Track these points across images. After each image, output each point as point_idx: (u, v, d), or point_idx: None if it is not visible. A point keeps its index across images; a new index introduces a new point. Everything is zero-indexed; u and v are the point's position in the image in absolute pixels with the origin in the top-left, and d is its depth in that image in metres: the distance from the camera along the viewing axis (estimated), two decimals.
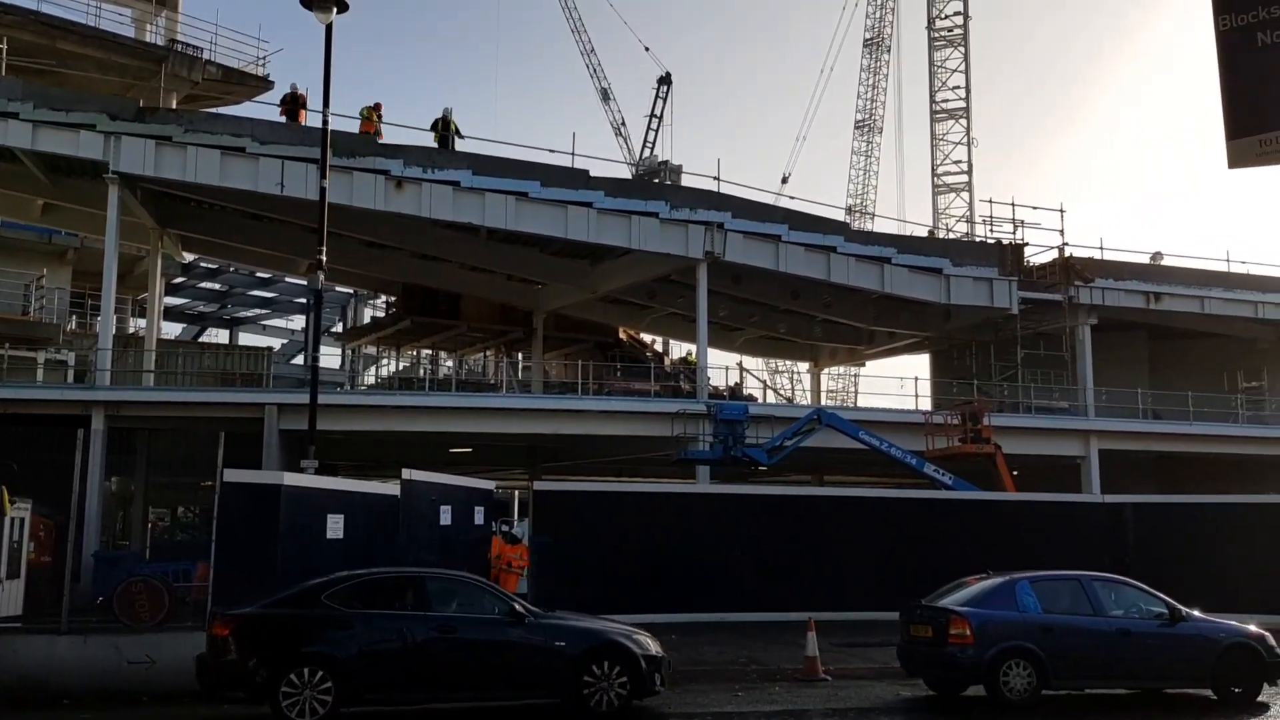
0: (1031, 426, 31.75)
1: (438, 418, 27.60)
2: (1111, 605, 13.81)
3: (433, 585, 12.54)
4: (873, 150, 60.15)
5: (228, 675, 11.47)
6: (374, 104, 28.59)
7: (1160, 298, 35.21)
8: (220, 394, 27.29)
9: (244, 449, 22.15)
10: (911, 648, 13.95)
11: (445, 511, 17.15)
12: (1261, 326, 37.62)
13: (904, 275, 32.32)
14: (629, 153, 60.62)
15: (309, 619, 11.66)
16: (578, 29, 61.60)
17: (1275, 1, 8.18)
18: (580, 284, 34.57)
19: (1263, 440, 34.09)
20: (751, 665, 15.83)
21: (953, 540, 21.15)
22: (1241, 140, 8.43)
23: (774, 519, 21.49)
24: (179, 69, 32.88)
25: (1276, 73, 8.18)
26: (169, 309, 44.21)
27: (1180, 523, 22.32)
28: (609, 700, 11.90)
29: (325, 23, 18.59)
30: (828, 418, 27.87)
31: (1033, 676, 12.93)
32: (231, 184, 26.68)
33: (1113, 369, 35.87)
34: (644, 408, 29.12)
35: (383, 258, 34.58)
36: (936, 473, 26.67)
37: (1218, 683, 13.63)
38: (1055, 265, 34.38)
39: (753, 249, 30.34)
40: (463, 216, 28.14)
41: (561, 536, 19.76)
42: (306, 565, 13.25)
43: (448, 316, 38.47)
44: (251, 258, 37.47)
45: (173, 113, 28.68)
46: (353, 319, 48.32)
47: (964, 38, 56.15)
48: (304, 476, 16.23)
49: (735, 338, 41.79)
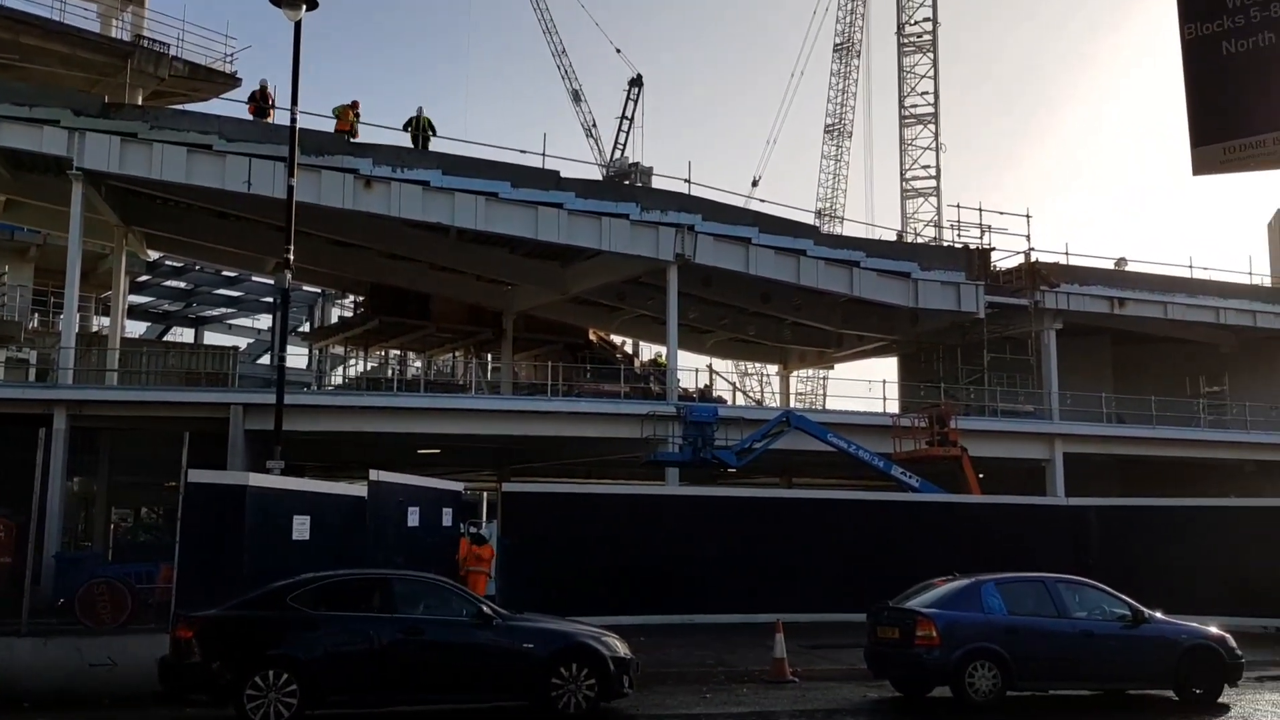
0: (997, 430, 32.04)
1: (406, 418, 27.46)
2: (1075, 607, 13.94)
3: (400, 587, 12.46)
4: (842, 154, 60.54)
5: (191, 678, 11.34)
6: (351, 102, 28.43)
7: (1124, 303, 35.64)
8: (185, 394, 27.01)
9: (209, 449, 21.99)
10: (879, 649, 14.02)
11: (413, 513, 17.04)
12: (1223, 332, 38.17)
13: (872, 279, 32.51)
14: (600, 154, 60.66)
15: (274, 621, 11.55)
16: (549, 30, 61.58)
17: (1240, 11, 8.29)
18: (550, 285, 34.51)
19: (1224, 444, 34.59)
20: (719, 667, 15.84)
21: (919, 542, 21.26)
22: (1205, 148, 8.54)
23: (743, 521, 21.52)
24: (145, 65, 32.51)
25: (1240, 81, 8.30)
26: (133, 307, 43.75)
27: (1143, 525, 22.56)
28: (577, 702, 11.87)
29: (294, 20, 18.40)
30: (796, 420, 27.98)
31: (998, 678, 13.02)
32: (198, 182, 26.43)
33: (1077, 373, 36.26)
34: (614, 409, 29.11)
35: (351, 257, 34.36)
36: (904, 475, 26.83)
37: (1179, 684, 13.78)
38: (1021, 270, 34.72)
39: (723, 251, 30.42)
40: (432, 216, 28.01)
41: (530, 538, 19.69)
42: (272, 567, 13.11)
43: (416, 317, 38.28)
44: (218, 256, 37.15)
45: (138, 109, 28.36)
46: (320, 318, 48.00)
47: (933, 44, 56.63)
48: (270, 477, 16.07)
49: (705, 340, 41.87)
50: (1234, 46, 8.29)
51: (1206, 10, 8.47)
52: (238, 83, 34.99)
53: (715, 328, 39.94)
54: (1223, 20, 8.32)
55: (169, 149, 25.93)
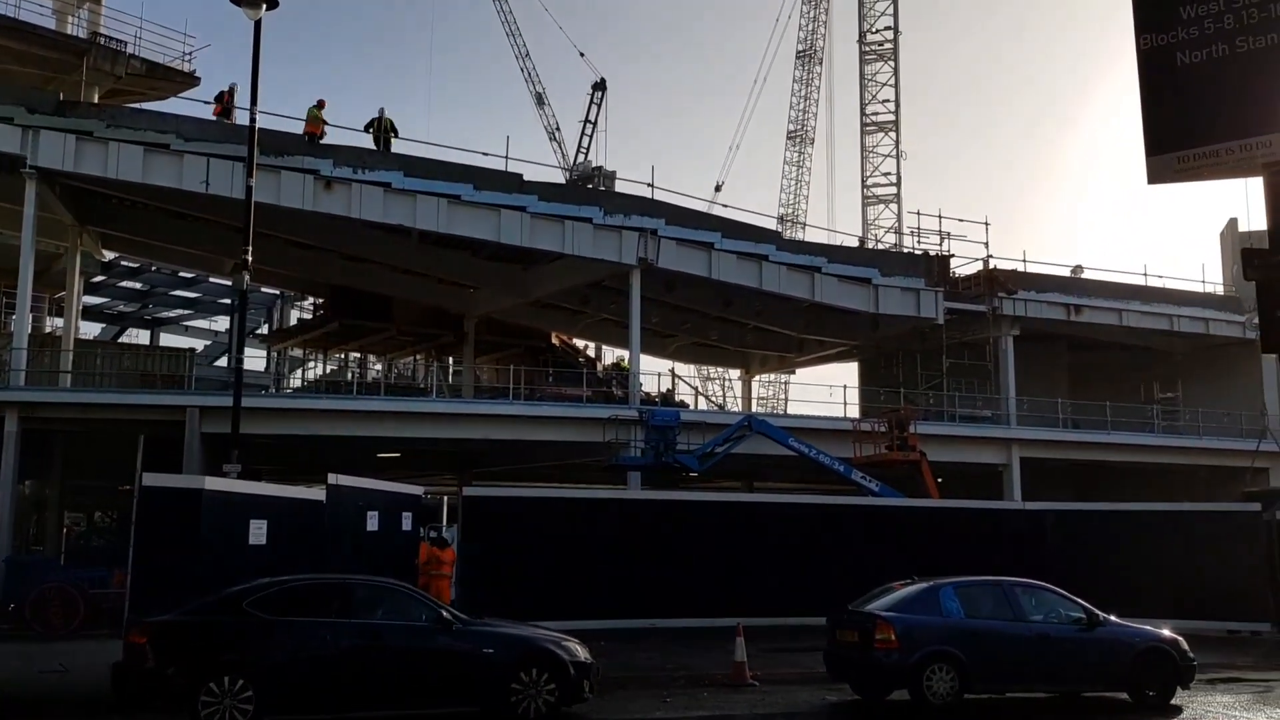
0: (956, 435, 32.36)
1: (365, 422, 27.26)
2: (1032, 610, 14.08)
3: (358, 592, 12.36)
4: (804, 161, 60.86)
5: (145, 684, 11.16)
6: (317, 102, 28.22)
7: (1080, 310, 36.11)
8: (140, 396, 26.62)
9: (164, 453, 21.69)
10: (838, 652, 14.08)
11: (372, 517, 16.91)
12: (1176, 339, 38.78)
13: (834, 284, 32.72)
14: (563, 158, 60.58)
15: (230, 626, 11.40)
16: (513, 33, 61.42)
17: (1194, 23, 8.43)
18: (513, 288, 34.40)
19: (1178, 449, 35.12)
20: (680, 671, 15.85)
21: (879, 546, 21.42)
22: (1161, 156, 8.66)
23: (704, 525, 21.57)
24: (102, 63, 32.03)
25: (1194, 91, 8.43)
26: (88, 308, 43.00)
27: (1098, 529, 22.87)
28: (537, 708, 11.82)
29: (254, 19, 18.28)
30: (758, 424, 28.08)
31: (955, 680, 13.12)
32: (155, 181, 26.08)
33: (1034, 379, 36.69)
34: (576, 413, 29.06)
35: (311, 259, 34.06)
36: (864, 479, 27.01)
37: (1133, 686, 13.96)
38: (980, 277, 35.11)
39: (686, 256, 30.48)
40: (393, 218, 27.82)
41: (491, 542, 19.62)
42: (228, 572, 12.95)
43: (377, 319, 37.99)
44: (175, 257, 36.67)
45: (94, 107, 27.95)
46: (279, 320, 47.47)
47: (894, 52, 57.08)
48: (226, 481, 15.90)
49: (668, 344, 41.92)
50: (1188, 57, 8.42)
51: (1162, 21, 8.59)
52: (196, 82, 34.58)
53: (678, 332, 40.01)
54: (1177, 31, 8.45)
55: (125, 148, 25.57)
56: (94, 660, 12.46)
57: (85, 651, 13.30)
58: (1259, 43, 8.17)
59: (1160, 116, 8.67)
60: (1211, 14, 8.20)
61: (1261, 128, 8.19)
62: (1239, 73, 8.17)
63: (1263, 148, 8.16)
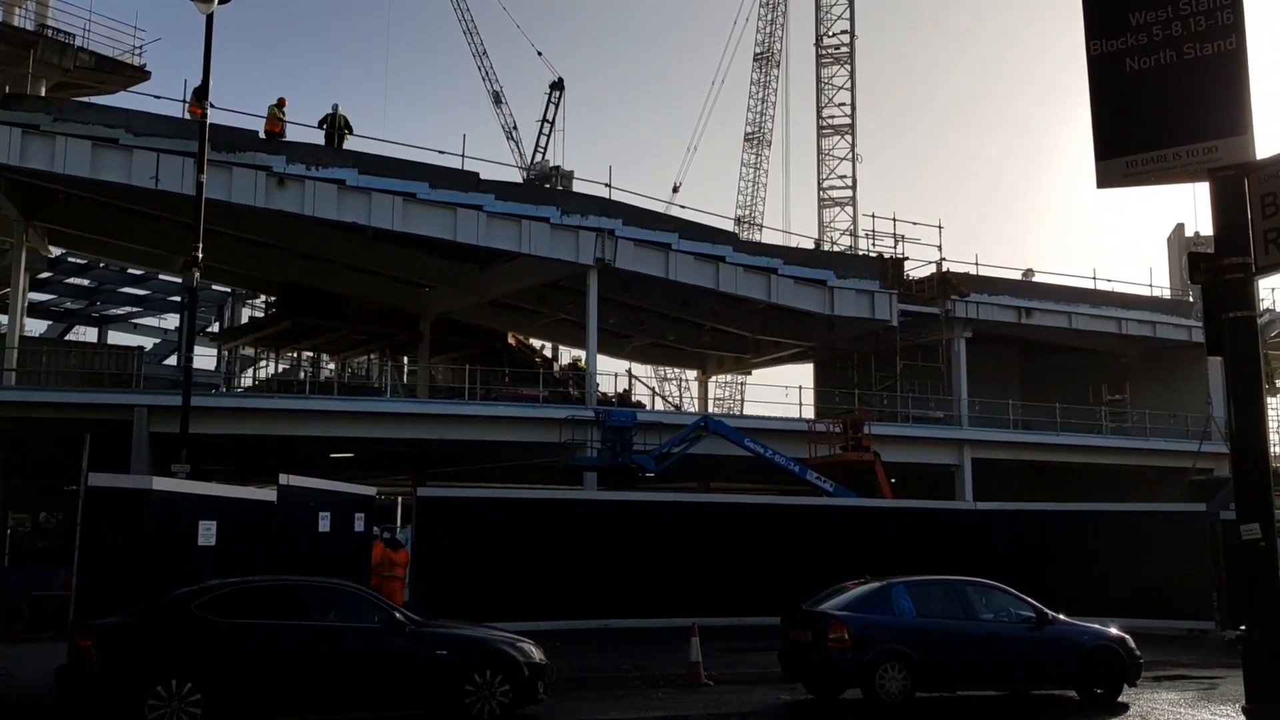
0: (909, 435, 32.66)
1: (318, 422, 26.99)
2: (982, 609, 14.24)
3: (309, 593, 12.24)
4: (762, 163, 61.15)
5: (91, 688, 10.97)
6: (278, 100, 27.86)
7: (1031, 313, 36.62)
8: (87, 395, 26.11)
9: (111, 452, 21.35)
10: (792, 652, 14.15)
11: (324, 518, 16.72)
12: (1125, 342, 39.43)
13: (790, 286, 32.89)
14: (520, 157, 60.34)
15: (178, 629, 11.24)
16: (470, 30, 61.13)
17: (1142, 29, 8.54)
18: (469, 288, 34.21)
19: (1125, 451, 35.73)
20: (635, 672, 15.85)
21: (833, 545, 21.55)
22: (1110, 161, 8.79)
23: (660, 526, 21.56)
24: (49, 55, 31.39)
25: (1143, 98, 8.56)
26: (33, 305, 42.15)
27: (1047, 529, 23.16)
28: (491, 709, 11.77)
29: (206, 13, 18.03)
30: (714, 425, 28.15)
31: (907, 679, 13.23)
32: (103, 176, 25.61)
33: (986, 381, 37.14)
34: (532, 414, 28.97)
35: (263, 256, 33.65)
36: (818, 480, 27.17)
37: (1081, 684, 14.16)
38: (933, 280, 35.48)
39: (643, 257, 30.48)
40: (348, 216, 27.56)
41: (446, 543, 19.50)
42: (177, 573, 12.74)
43: (331, 318, 37.57)
44: (124, 253, 36.10)
45: (41, 100, 27.42)
46: (230, 319, 46.85)
47: (850, 55, 57.55)
48: (175, 481, 15.64)
49: (625, 345, 41.92)
50: (1137, 63, 8.54)
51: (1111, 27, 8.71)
52: (147, 76, 34.01)
53: (635, 333, 40.01)
54: (1126, 38, 8.57)
55: (73, 142, 25.09)
56: (39, 664, 12.20)
57: (30, 655, 13.03)
58: (1205, 50, 8.31)
59: (1109, 122, 8.79)
60: (1160, 21, 8.33)
61: (1208, 134, 8.33)
62: (1186, 79, 8.31)
63: (1209, 153, 8.31)
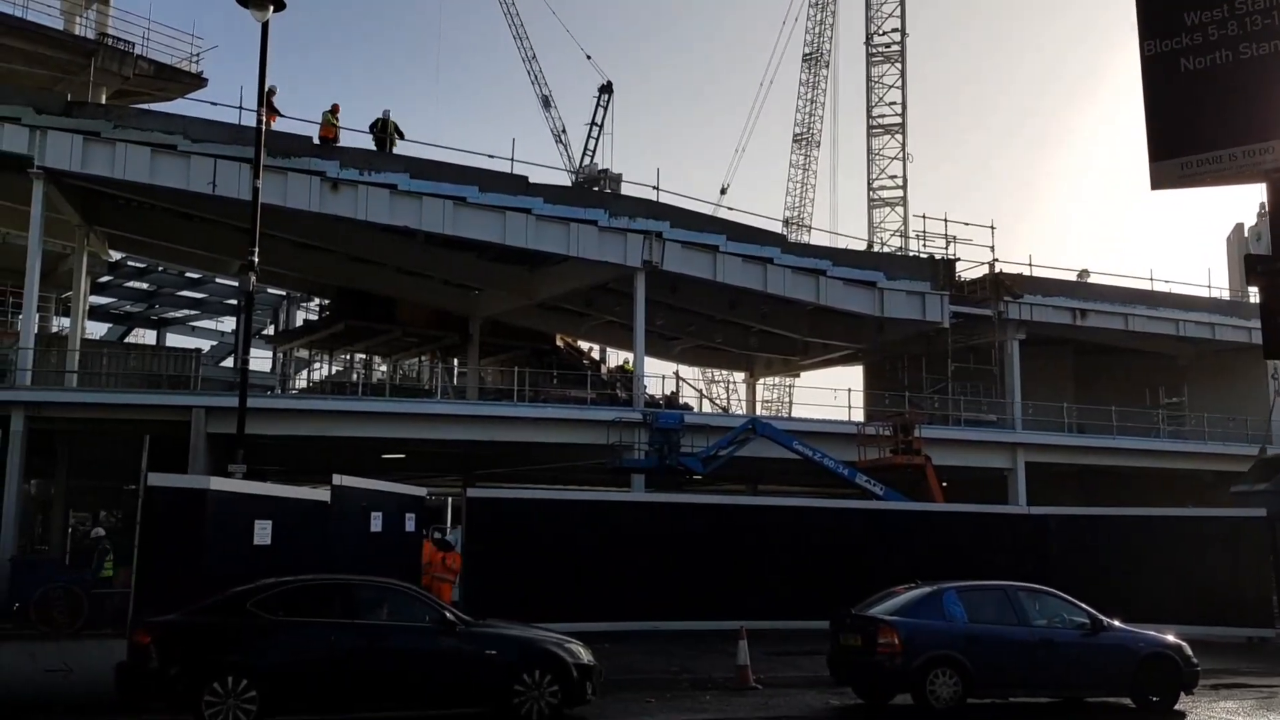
0: (960, 439, 32.30)
1: (370, 423, 27.30)
2: (1035, 615, 14.07)
3: (361, 593, 12.39)
4: (810, 164, 60.82)
5: (149, 684, 11.20)
6: (331, 106, 28.28)
7: (1086, 314, 36.06)
8: (146, 396, 26.67)
9: (170, 453, 21.75)
10: (841, 656, 14.07)
11: (376, 518, 16.92)
12: (1182, 344, 38.70)
13: (839, 287, 32.70)
14: (569, 160, 60.60)
15: (233, 627, 11.43)
16: (520, 35, 61.50)
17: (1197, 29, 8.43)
18: (517, 290, 34.43)
19: (1182, 455, 35.05)
20: (683, 674, 15.86)
21: (883, 550, 21.39)
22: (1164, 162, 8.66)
23: (707, 528, 21.54)
24: (109, 63, 32.14)
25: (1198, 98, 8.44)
26: (94, 308, 43.15)
27: (1102, 534, 22.82)
28: (540, 709, 11.84)
29: (261, 21, 18.28)
30: (762, 427, 28.05)
31: (958, 685, 13.11)
32: (161, 182, 26.14)
33: (1040, 383, 36.64)
34: (580, 415, 29.07)
35: (317, 260, 34.12)
36: (868, 483, 26.97)
37: (1137, 691, 13.95)
38: (986, 281, 35.06)
39: (690, 259, 30.47)
40: (399, 220, 27.87)
41: (495, 544, 19.63)
42: (232, 572, 12.97)
43: (383, 320, 38.04)
44: (181, 257, 36.77)
45: (102, 108, 28.02)
46: (285, 321, 47.57)
47: (901, 54, 57.04)
48: (231, 481, 15.92)
49: (672, 347, 41.92)
50: (1191, 63, 8.43)
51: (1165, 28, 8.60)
52: (204, 83, 34.68)
53: (682, 335, 40.00)
54: (1181, 38, 8.45)
55: (132, 149, 25.63)
56: (98, 660, 12.46)
57: (90, 651, 13.31)
58: (1262, 49, 8.17)
59: (1164, 122, 8.67)
60: (1215, 20, 8.20)
61: (1264, 134, 8.19)
62: (1242, 79, 8.17)
63: (1266, 154, 8.16)
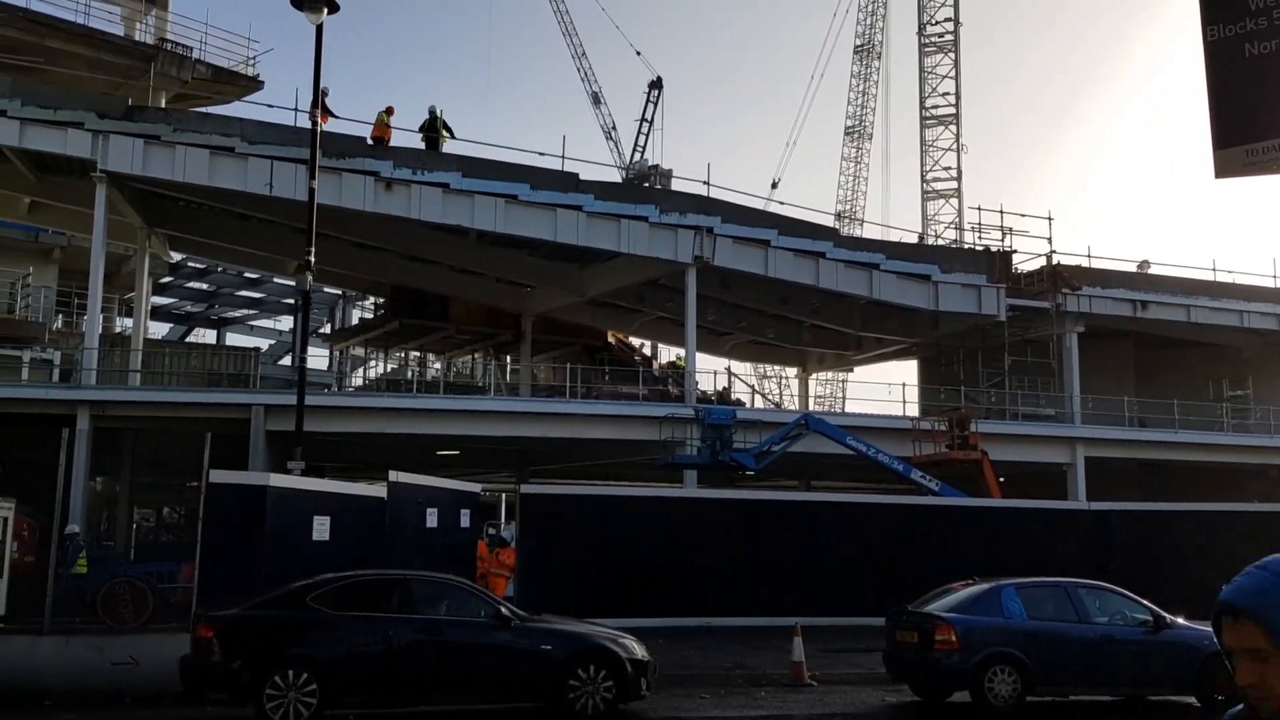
0: (1018, 434, 31.83)
1: (425, 420, 27.55)
2: (1096, 612, 13.84)
3: (418, 588, 12.52)
4: (862, 156, 60.21)
5: (212, 677, 11.43)
6: (386, 108, 28.59)
7: (1147, 306, 35.35)
8: (207, 395, 27.19)
9: (230, 450, 22.08)
10: (897, 653, 13.96)
11: (431, 514, 17.11)
12: (1247, 335, 37.80)
13: (892, 281, 32.39)
14: (619, 156, 60.57)
15: (294, 621, 11.62)
16: (569, 32, 61.56)
17: (1264, 13, 8.23)
18: (569, 287, 34.55)
19: (1247, 449, 34.25)
20: (737, 670, 15.83)
21: (939, 546, 21.20)
22: (1229, 150, 8.46)
23: (760, 524, 21.50)
24: (168, 68, 32.73)
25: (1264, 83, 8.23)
26: (156, 308, 44.04)
27: (1165, 530, 22.42)
28: (594, 704, 11.88)
29: (316, 23, 18.53)
30: (815, 423, 27.87)
31: (1017, 683, 12.95)
32: (220, 184, 26.60)
33: (1099, 377, 36.00)
34: (632, 412, 29.09)
35: (371, 259, 34.51)
36: (923, 479, 26.69)
37: (1201, 690, 13.67)
38: (1043, 273, 34.51)
39: (742, 254, 30.36)
40: (452, 218, 28.09)
41: (548, 540, 19.73)
42: (292, 567, 13.19)
43: (436, 318, 38.40)
44: (239, 258, 37.38)
45: (161, 112, 28.58)
46: (341, 320, 48.18)
47: (955, 44, 56.29)
48: (290, 478, 16.17)
49: (724, 342, 41.80)
50: (1257, 48, 8.21)
51: (1229, 12, 8.39)
52: (260, 85, 35.20)
53: (734, 330, 39.88)
54: (1245, 22, 8.24)
55: (192, 151, 26.11)
56: (163, 653, 12.73)
57: (154, 644, 13.59)
58: None
59: (1228, 109, 8.46)
60: None
61: None
62: None
63: None
